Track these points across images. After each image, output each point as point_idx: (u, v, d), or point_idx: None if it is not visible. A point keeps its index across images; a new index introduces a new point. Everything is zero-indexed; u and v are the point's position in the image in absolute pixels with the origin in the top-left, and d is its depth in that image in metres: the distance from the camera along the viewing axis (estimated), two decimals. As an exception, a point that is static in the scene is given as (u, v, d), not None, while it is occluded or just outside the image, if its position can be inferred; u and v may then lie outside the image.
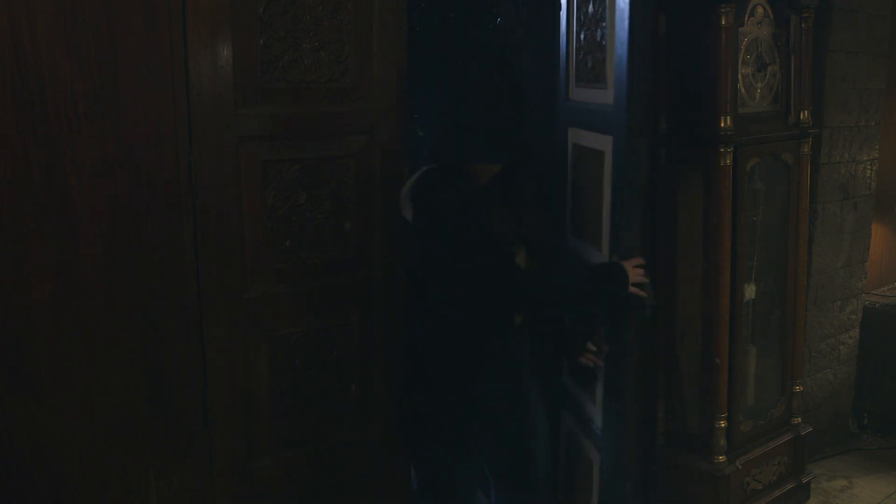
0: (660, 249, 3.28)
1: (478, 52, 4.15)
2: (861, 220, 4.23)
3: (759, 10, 3.30)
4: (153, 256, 2.24)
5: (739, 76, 3.21)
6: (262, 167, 2.41)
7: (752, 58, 3.28)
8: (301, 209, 2.51)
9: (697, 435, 3.47)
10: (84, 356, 2.17)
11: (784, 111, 3.48)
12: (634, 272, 2.45)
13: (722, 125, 3.13)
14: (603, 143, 2.67)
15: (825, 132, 3.86)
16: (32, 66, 2.01)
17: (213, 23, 2.26)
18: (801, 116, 3.50)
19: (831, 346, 4.25)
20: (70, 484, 2.20)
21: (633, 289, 2.45)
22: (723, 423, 3.37)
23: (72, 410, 2.17)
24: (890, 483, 4.06)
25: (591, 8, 2.79)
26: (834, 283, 4.16)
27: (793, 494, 3.77)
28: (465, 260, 2.35)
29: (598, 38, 2.73)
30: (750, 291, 3.48)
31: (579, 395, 3.02)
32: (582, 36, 2.90)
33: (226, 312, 2.38)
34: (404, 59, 2.66)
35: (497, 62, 3.97)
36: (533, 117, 3.44)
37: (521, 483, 2.82)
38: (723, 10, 3.07)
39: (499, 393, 2.58)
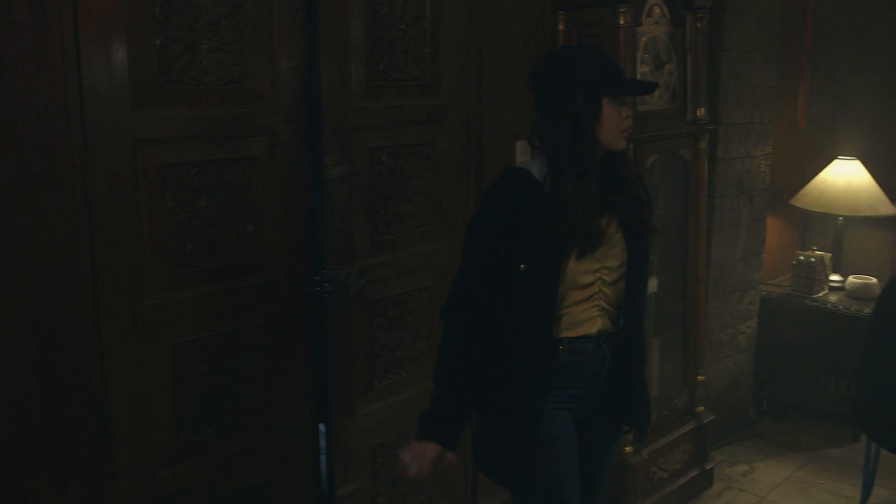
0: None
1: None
2: (756, 214, 4.37)
3: (656, 10, 3.39)
4: (47, 264, 2.16)
5: (638, 74, 3.29)
6: (160, 170, 2.35)
7: (650, 56, 3.37)
8: (202, 213, 2.45)
9: (604, 427, 3.54)
10: (-25, 369, 2.09)
11: (681, 108, 3.58)
12: None
13: (621, 123, 3.20)
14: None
15: (721, 129, 3.98)
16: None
17: (106, 22, 2.19)
18: (698, 114, 3.61)
19: (731, 336, 4.38)
20: (-38, 502, 2.12)
21: None
22: (628, 415, 3.45)
23: (-38, 426, 2.09)
24: (788, 466, 4.23)
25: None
26: (732, 275, 4.29)
27: (697, 481, 3.89)
28: None
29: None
30: (652, 285, 3.57)
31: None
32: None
33: (125, 320, 2.32)
34: (306, 59, 2.63)
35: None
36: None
37: None
38: (620, 10, 3.15)
39: None
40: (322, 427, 2.88)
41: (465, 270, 2.28)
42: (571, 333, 2.24)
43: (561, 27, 3.35)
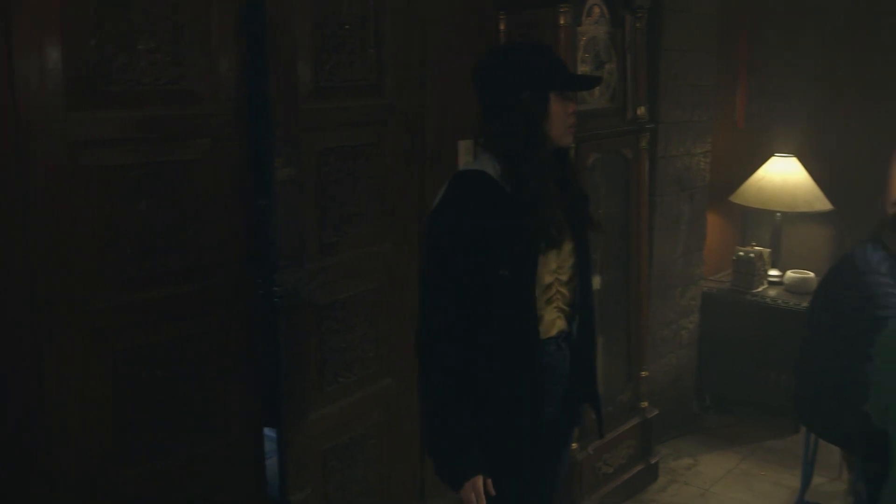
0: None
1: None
2: (696, 211, 4.43)
3: (596, 10, 3.42)
4: (-18, 271, 2.11)
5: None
6: (97, 173, 2.30)
7: (590, 56, 3.39)
8: (142, 217, 2.41)
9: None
10: None
11: (621, 108, 3.61)
12: None
13: (563, 122, 3.21)
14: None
15: (661, 127, 4.01)
16: None
17: (40, 23, 2.14)
18: (638, 112, 3.65)
19: (673, 332, 4.44)
20: None
21: None
22: (574, 412, 3.47)
23: None
24: (730, 458, 4.29)
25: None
26: (674, 272, 4.35)
27: (642, 476, 3.93)
28: None
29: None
30: (595, 283, 3.60)
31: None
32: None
33: (64, 326, 2.27)
34: (249, 60, 2.60)
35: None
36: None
37: None
38: (561, 10, 3.16)
39: None
40: (268, 432, 2.85)
41: (435, 293, 2.14)
42: None
43: (502, 27, 3.36)
